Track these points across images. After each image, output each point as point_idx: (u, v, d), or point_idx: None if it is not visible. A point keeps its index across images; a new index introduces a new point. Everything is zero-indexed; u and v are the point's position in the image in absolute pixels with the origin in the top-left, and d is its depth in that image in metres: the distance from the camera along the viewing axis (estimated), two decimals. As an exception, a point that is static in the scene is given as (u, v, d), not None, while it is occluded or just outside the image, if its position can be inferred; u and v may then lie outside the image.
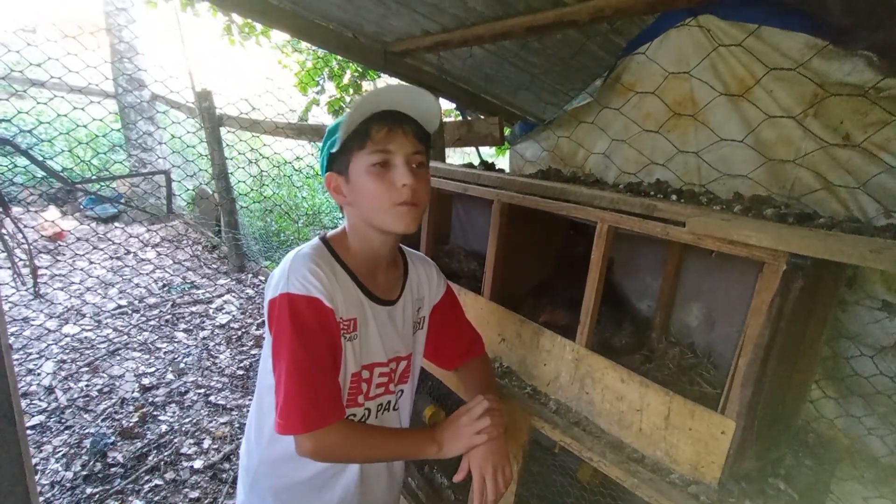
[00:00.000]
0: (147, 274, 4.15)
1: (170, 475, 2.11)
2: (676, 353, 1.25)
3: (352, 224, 0.91)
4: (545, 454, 1.36)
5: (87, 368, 2.79)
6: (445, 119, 2.38)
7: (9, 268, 2.94)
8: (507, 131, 2.27)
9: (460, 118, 2.50)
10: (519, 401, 1.18)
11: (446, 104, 2.40)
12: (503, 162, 3.58)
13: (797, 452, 1.08)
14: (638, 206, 1.00)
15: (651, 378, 1.01)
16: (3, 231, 1.68)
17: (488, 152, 4.42)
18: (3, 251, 1.88)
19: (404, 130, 0.83)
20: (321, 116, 4.65)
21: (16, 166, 3.53)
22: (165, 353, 3.06)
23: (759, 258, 0.83)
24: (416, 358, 1.05)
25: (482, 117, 2.31)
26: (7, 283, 3.35)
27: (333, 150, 0.85)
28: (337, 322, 0.84)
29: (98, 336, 3.14)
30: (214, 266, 4.54)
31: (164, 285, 3.98)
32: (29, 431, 2.22)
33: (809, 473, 1.02)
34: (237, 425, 2.47)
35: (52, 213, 4.53)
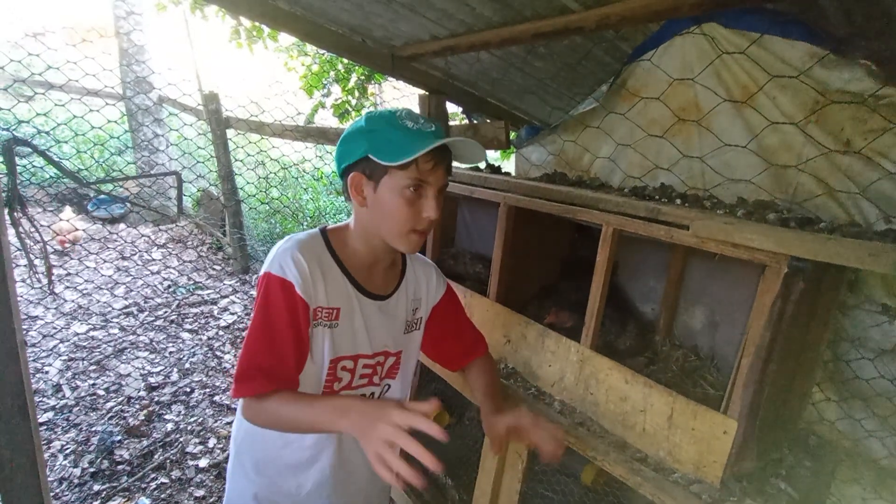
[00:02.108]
0: (154, 274, 4.19)
1: (175, 473, 2.14)
2: (680, 355, 1.26)
3: (359, 224, 0.93)
4: (549, 454, 1.37)
5: (94, 367, 2.82)
6: (452, 123, 2.40)
7: (24, 265, 2.97)
8: (513, 135, 2.29)
9: (466, 122, 2.53)
10: (524, 401, 1.20)
11: (452, 108, 2.43)
12: (509, 166, 3.60)
13: (798, 454, 1.09)
14: (643, 210, 1.02)
15: (655, 380, 1.03)
16: (20, 229, 1.71)
17: (494, 156, 4.45)
18: (19, 249, 1.91)
19: (445, 165, 0.87)
20: (327, 119, 4.69)
21: (34, 166, 3.60)
22: (171, 352, 3.09)
23: (760, 261, 0.85)
24: (408, 356, 1.06)
25: (488, 121, 2.34)
26: (20, 281, 3.39)
27: (385, 162, 0.82)
28: (308, 309, 0.86)
29: (105, 335, 3.18)
30: (219, 267, 4.57)
31: (169, 286, 4.01)
32: (37, 428, 2.25)
33: (810, 474, 1.03)
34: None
35: (68, 214, 4.55)
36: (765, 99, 1.21)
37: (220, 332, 3.40)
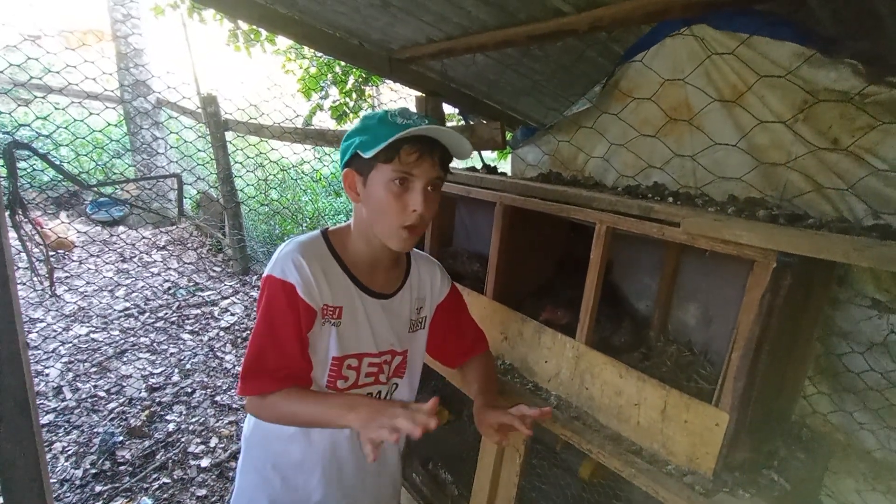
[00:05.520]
0: (154, 276, 4.20)
1: (177, 473, 2.15)
2: (674, 350, 1.28)
3: (358, 222, 0.95)
4: (547, 451, 1.39)
5: (95, 369, 2.84)
6: (449, 124, 2.42)
7: (25, 268, 2.98)
8: (508, 136, 2.31)
9: (463, 123, 2.55)
10: (521, 396, 1.22)
11: (449, 109, 2.46)
12: (505, 166, 3.62)
13: (791, 446, 1.11)
14: (635, 208, 1.04)
15: (649, 374, 1.05)
16: (22, 232, 1.73)
17: (490, 156, 4.47)
18: (20, 252, 1.93)
19: (432, 157, 0.86)
20: (326, 121, 4.71)
21: (34, 169, 3.62)
22: (172, 353, 3.10)
23: (749, 257, 0.87)
24: (414, 355, 1.07)
25: (484, 122, 2.36)
26: (21, 284, 3.40)
27: (365, 155, 0.83)
28: (310, 310, 0.88)
29: (106, 337, 3.19)
30: (220, 268, 4.59)
31: (170, 287, 4.02)
32: (39, 430, 2.26)
33: (803, 466, 1.05)
34: (243, 424, 2.51)
35: (58, 219, 4.55)
36: (754, 98, 1.23)
37: (221, 333, 3.41)
